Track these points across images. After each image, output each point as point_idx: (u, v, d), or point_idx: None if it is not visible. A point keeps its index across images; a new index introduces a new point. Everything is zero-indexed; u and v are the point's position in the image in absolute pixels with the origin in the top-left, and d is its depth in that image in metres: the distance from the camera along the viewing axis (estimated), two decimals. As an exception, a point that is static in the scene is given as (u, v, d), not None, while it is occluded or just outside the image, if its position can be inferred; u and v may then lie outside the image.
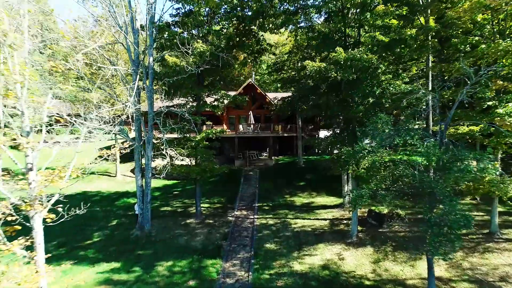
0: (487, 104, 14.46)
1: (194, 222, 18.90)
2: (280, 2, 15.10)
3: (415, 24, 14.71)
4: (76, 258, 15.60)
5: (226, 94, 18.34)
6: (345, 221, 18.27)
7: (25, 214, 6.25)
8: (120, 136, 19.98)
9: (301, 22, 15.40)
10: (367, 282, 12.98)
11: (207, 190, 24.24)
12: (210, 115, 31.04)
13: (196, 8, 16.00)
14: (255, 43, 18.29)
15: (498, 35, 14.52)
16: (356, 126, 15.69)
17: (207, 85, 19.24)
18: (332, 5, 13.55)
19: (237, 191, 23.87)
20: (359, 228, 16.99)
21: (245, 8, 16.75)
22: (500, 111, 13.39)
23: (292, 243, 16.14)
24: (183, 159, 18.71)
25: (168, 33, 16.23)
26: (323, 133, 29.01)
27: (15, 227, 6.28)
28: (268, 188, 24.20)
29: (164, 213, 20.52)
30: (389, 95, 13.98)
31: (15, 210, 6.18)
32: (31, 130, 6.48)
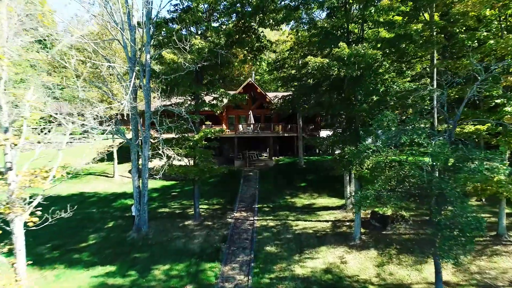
0: (495, 102, 14.03)
1: (192, 224, 18.41)
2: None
3: (420, 20, 14.26)
4: (70, 261, 15.13)
5: (225, 93, 17.87)
6: (348, 223, 17.78)
7: (4, 218, 5.78)
8: (117, 136, 19.50)
9: (303, 18, 14.95)
10: (371, 287, 12.51)
11: (206, 191, 23.76)
12: (210, 115, 30.62)
13: (195, 4, 15.55)
14: (255, 40, 17.83)
15: (506, 31, 14.10)
16: (359, 126, 15.24)
17: (206, 84, 18.78)
18: (335, 0, 13.11)
19: (237, 192, 23.38)
20: (362, 230, 16.50)
21: (245, 5, 16.30)
22: (509, 109, 12.97)
23: (293, 246, 15.66)
24: (181, 160, 18.24)
25: (166, 30, 15.77)
26: (324, 133, 28.55)
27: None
28: (268, 189, 23.72)
29: (162, 215, 20.03)
30: (394, 93, 13.52)
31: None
32: (10, 126, 6.00)
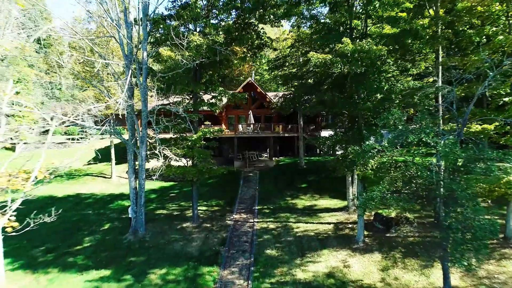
0: (503, 101, 13.58)
1: (191, 226, 17.92)
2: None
3: (425, 16, 13.81)
4: (64, 265, 14.64)
5: (225, 91, 17.39)
6: (350, 225, 17.30)
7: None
8: (114, 136, 19.03)
9: (304, 14, 14.43)
10: (376, 292, 12.03)
11: (205, 192, 23.29)
12: (209, 115, 30.17)
13: (193, 0, 15.09)
14: (255, 37, 17.35)
15: (514, 28, 13.64)
16: (363, 125, 14.77)
17: (205, 82, 18.31)
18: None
19: (236, 193, 22.90)
20: (365, 233, 16.01)
21: (246, 0, 15.82)
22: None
23: (294, 249, 15.17)
24: (180, 160, 17.76)
25: (163, 27, 15.30)
26: (325, 134, 28.09)
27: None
28: (269, 190, 23.24)
29: (160, 217, 19.54)
30: (398, 91, 13.06)
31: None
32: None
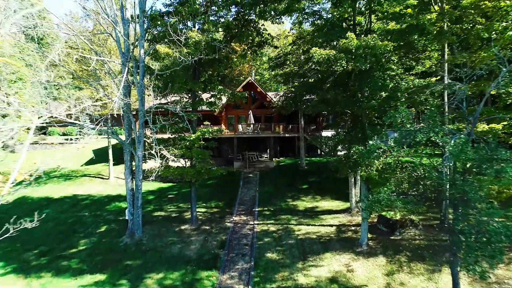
0: (512, 99, 13.13)
1: (189, 229, 17.44)
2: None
3: (431, 11, 13.37)
4: (58, 269, 14.18)
5: (224, 90, 16.92)
6: (353, 228, 16.82)
7: None
8: (110, 136, 18.55)
9: (306, 9, 13.98)
10: (382, 298, 11.55)
11: (204, 194, 22.81)
12: (208, 115, 29.72)
13: (192, -5, 14.66)
14: (255, 34, 16.87)
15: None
16: (366, 124, 14.32)
17: (204, 81, 17.85)
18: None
19: (236, 195, 22.42)
20: (369, 236, 15.52)
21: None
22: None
23: (296, 252, 14.69)
24: (178, 161, 17.29)
25: (161, 23, 14.85)
26: (326, 134, 27.62)
27: None
28: (269, 192, 22.76)
29: (157, 219, 19.06)
30: (404, 89, 12.60)
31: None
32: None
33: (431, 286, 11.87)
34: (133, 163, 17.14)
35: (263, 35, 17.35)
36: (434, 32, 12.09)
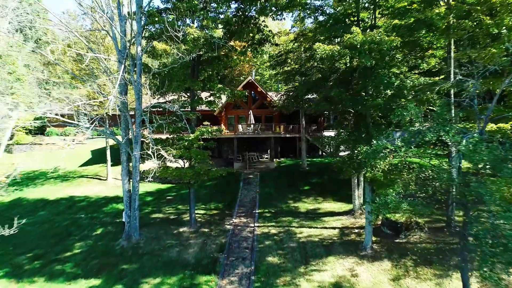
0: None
1: (188, 231, 16.96)
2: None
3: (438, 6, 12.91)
4: (52, 274, 13.70)
5: (224, 88, 16.44)
6: (357, 230, 16.34)
7: None
8: (106, 136, 18.08)
9: (309, 3, 13.50)
10: (388, 305, 11.07)
11: (203, 195, 22.34)
12: (208, 115, 29.26)
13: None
14: (256, 31, 16.41)
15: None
16: (371, 124, 13.86)
17: (203, 80, 17.40)
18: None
19: (236, 196, 21.95)
20: (373, 239, 15.04)
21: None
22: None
23: (298, 256, 14.21)
24: (177, 161, 16.82)
25: (159, 20, 14.41)
26: (327, 134, 27.13)
27: None
28: (270, 193, 22.28)
29: (155, 221, 18.58)
30: (410, 87, 12.15)
31: None
32: None
33: (440, 292, 11.40)
34: (130, 164, 16.68)
35: (264, 32, 16.90)
36: (443, 27, 11.63)
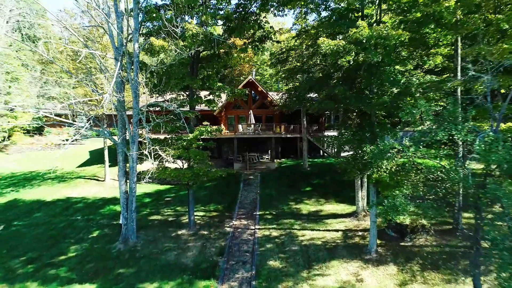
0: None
1: (186, 234, 16.48)
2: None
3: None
4: (45, 278, 13.21)
5: (223, 86, 15.98)
6: (360, 233, 15.87)
7: None
8: (102, 136, 17.63)
9: (310, 1, 13.01)
10: (395, 312, 10.60)
11: (203, 196, 21.86)
12: (208, 115, 28.82)
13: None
14: (257, 27, 15.96)
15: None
16: (375, 123, 13.39)
17: (202, 78, 16.94)
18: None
19: (236, 198, 21.47)
20: (378, 242, 14.57)
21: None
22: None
23: (300, 260, 13.73)
24: (175, 162, 16.36)
25: (156, 16, 13.97)
26: (329, 134, 26.67)
27: None
28: (271, 194, 21.81)
29: (153, 223, 18.09)
30: (417, 85, 11.69)
31: None
32: None
33: (449, 299, 10.93)
34: (128, 165, 16.22)
35: (265, 29, 16.44)
36: (453, 21, 11.17)
